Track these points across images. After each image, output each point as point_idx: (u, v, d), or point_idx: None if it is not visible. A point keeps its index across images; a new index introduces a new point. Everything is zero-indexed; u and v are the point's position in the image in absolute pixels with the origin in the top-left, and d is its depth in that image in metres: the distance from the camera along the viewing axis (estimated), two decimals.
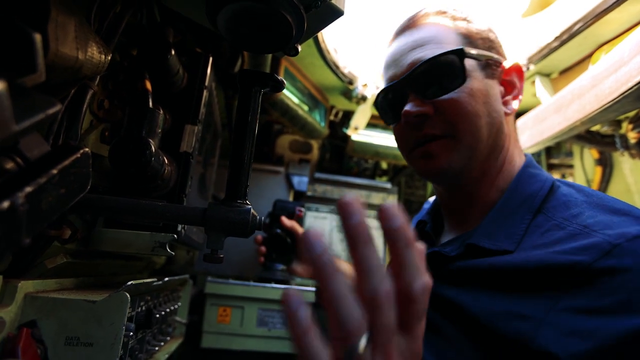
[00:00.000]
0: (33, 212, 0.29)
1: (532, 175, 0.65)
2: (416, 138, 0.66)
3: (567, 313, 0.46)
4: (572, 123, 0.90)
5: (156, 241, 0.54)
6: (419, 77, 0.65)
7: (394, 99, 0.70)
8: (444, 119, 0.64)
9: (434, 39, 0.66)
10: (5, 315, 0.39)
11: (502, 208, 0.62)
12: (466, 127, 0.63)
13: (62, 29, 0.32)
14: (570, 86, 0.92)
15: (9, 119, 0.25)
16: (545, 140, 1.03)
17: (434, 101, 0.64)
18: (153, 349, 0.64)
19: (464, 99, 0.63)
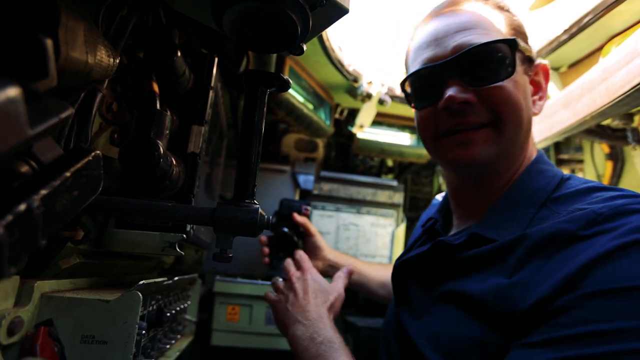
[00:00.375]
0: (48, 214, 0.30)
1: (541, 170, 0.65)
2: (453, 125, 0.64)
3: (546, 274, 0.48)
4: (581, 118, 0.89)
5: (166, 241, 0.55)
6: (466, 61, 0.62)
7: (432, 81, 0.66)
8: (488, 108, 0.62)
9: (480, 25, 0.64)
10: (24, 315, 0.40)
11: (507, 201, 0.63)
12: (511, 118, 0.62)
13: (72, 34, 0.33)
14: (579, 80, 0.91)
15: (24, 124, 0.26)
16: (554, 136, 1.02)
17: (478, 89, 0.62)
18: (164, 347, 0.65)
19: (510, 89, 0.61)
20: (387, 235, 1.50)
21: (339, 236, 1.45)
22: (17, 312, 0.38)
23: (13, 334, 0.37)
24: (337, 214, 1.47)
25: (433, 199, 1.03)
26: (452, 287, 0.59)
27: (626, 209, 0.48)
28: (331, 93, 1.34)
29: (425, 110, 0.68)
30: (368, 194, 1.49)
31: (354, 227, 1.47)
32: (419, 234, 0.85)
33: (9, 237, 0.26)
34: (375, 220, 1.50)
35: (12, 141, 0.25)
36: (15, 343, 0.38)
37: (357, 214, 1.49)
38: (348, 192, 1.48)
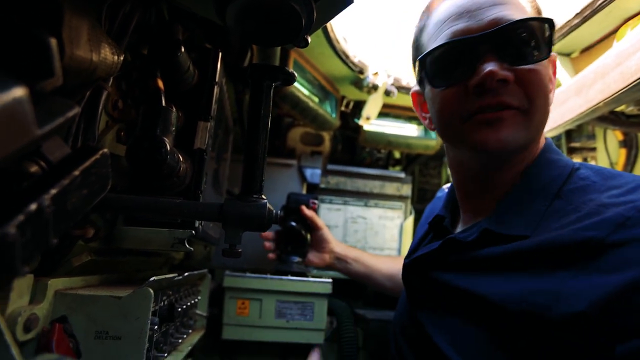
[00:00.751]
0: (59, 213, 0.30)
1: (552, 160, 0.62)
2: (482, 106, 0.58)
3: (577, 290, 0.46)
4: (594, 104, 0.86)
5: (175, 237, 0.55)
6: (504, 37, 0.57)
7: (462, 56, 0.60)
8: (522, 90, 0.58)
9: (514, 2, 0.60)
10: (39, 312, 0.40)
11: (518, 194, 0.61)
12: (541, 104, 0.58)
13: (76, 32, 0.33)
14: (592, 65, 0.88)
15: (32, 124, 0.26)
16: (566, 124, 0.99)
17: (515, 69, 0.57)
18: (176, 342, 0.65)
19: (544, 74, 0.58)
20: (396, 227, 1.49)
21: (347, 229, 1.45)
22: (32, 309, 0.39)
23: (29, 330, 0.38)
24: (345, 207, 1.47)
25: (438, 191, 1.03)
26: (469, 288, 0.57)
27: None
28: (336, 85, 1.33)
29: (450, 89, 0.62)
30: (375, 187, 1.49)
31: (362, 220, 1.47)
32: (425, 230, 0.83)
33: (21, 237, 0.26)
34: (383, 212, 1.49)
35: (20, 142, 0.26)
36: (32, 339, 0.39)
37: (365, 206, 1.48)
38: (355, 185, 1.48)
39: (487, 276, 0.56)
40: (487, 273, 0.57)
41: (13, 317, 0.36)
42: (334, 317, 1.16)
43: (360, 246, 1.44)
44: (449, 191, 0.83)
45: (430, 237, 0.79)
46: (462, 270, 0.61)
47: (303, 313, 1.03)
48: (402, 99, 1.34)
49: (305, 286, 1.04)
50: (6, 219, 0.26)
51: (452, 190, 0.81)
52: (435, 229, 0.78)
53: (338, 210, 1.47)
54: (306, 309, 1.04)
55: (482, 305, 0.55)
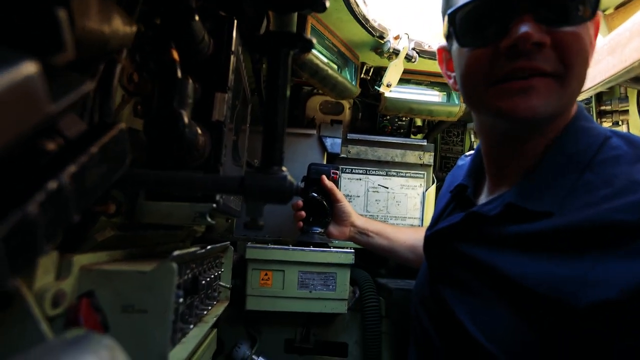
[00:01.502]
0: (79, 190, 0.30)
1: (584, 128, 0.58)
2: (514, 70, 0.54)
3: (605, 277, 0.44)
4: (629, 64, 0.81)
5: (196, 211, 0.55)
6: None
7: (496, 13, 0.55)
8: (559, 55, 0.53)
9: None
10: (66, 287, 0.41)
11: (547, 165, 0.57)
12: (579, 71, 0.54)
13: (86, 3, 0.32)
14: (628, 22, 0.83)
15: (45, 100, 0.25)
16: (598, 86, 0.94)
17: (553, 30, 0.52)
18: (202, 313, 0.67)
19: (585, 38, 0.53)
20: (418, 196, 1.47)
21: (368, 199, 1.44)
22: (59, 285, 0.40)
23: (57, 305, 0.39)
24: (366, 176, 1.45)
25: (459, 159, 0.99)
26: (493, 264, 0.56)
27: None
28: (356, 52, 1.29)
29: (480, 49, 0.58)
30: (397, 155, 1.46)
31: (384, 189, 1.46)
32: (447, 199, 0.81)
33: (43, 216, 0.26)
34: (405, 181, 1.47)
35: (34, 118, 0.25)
36: (60, 315, 0.40)
37: (387, 176, 1.46)
38: (376, 154, 1.45)
39: (512, 254, 0.54)
40: (512, 250, 0.55)
41: (41, 293, 0.37)
42: (356, 287, 1.17)
43: (382, 216, 1.44)
44: (472, 157, 0.80)
45: (452, 207, 0.77)
46: (485, 244, 0.59)
47: (326, 283, 1.04)
48: (424, 64, 1.29)
49: (328, 257, 1.05)
50: (27, 197, 0.26)
51: (476, 156, 0.78)
52: (458, 198, 0.76)
53: (359, 180, 1.45)
54: (329, 279, 1.04)
55: (506, 283, 0.53)
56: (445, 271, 0.66)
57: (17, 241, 0.24)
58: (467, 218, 0.62)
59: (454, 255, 0.65)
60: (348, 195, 1.43)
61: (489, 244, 0.59)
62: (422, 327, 0.71)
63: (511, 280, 0.52)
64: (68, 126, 0.33)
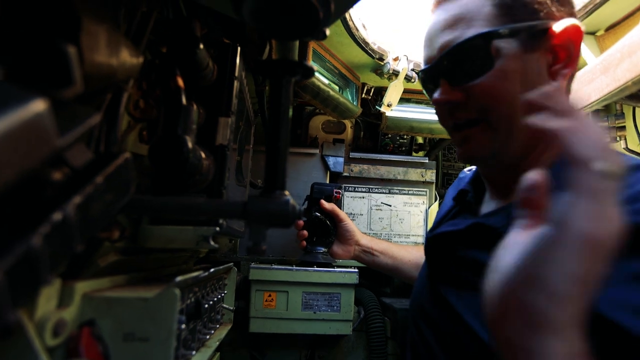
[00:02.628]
0: (84, 220, 0.30)
1: None
2: (451, 122, 0.66)
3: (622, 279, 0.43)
4: (622, 84, 0.83)
5: (200, 235, 0.55)
6: (448, 62, 0.63)
7: (429, 82, 0.69)
8: (477, 105, 0.61)
9: (465, 17, 0.62)
10: (67, 315, 0.41)
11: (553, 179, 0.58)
12: (500, 112, 0.60)
13: (94, 38, 0.33)
14: (619, 44, 0.85)
15: (53, 135, 0.26)
16: (593, 104, 0.96)
17: (465, 87, 0.62)
18: (204, 338, 0.66)
19: (494, 83, 0.60)
20: (421, 214, 1.47)
21: (371, 217, 1.44)
22: (60, 314, 0.40)
23: (58, 335, 0.39)
24: (369, 194, 1.46)
25: (460, 173, 1.00)
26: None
27: None
28: (357, 73, 1.31)
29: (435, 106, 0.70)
30: (399, 173, 1.47)
31: (387, 207, 1.45)
32: (449, 207, 0.82)
33: (47, 247, 0.26)
34: (407, 199, 1.47)
35: (41, 153, 0.26)
36: (60, 344, 0.40)
37: (389, 193, 1.47)
38: (379, 172, 1.46)
39: None
40: None
41: (41, 322, 0.37)
42: (361, 307, 1.16)
43: (386, 233, 1.43)
44: (473, 172, 0.83)
45: (455, 211, 0.78)
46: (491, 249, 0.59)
47: (330, 304, 1.03)
48: None
49: (332, 277, 1.04)
50: (31, 229, 0.26)
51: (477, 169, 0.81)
52: (460, 203, 0.78)
53: (362, 198, 1.45)
54: (333, 299, 1.04)
55: None
56: (449, 274, 0.66)
57: (20, 274, 0.24)
58: (472, 228, 0.63)
59: (458, 259, 0.65)
60: (351, 214, 1.43)
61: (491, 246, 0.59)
62: (422, 337, 0.70)
63: None
64: (74, 156, 0.34)
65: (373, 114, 1.49)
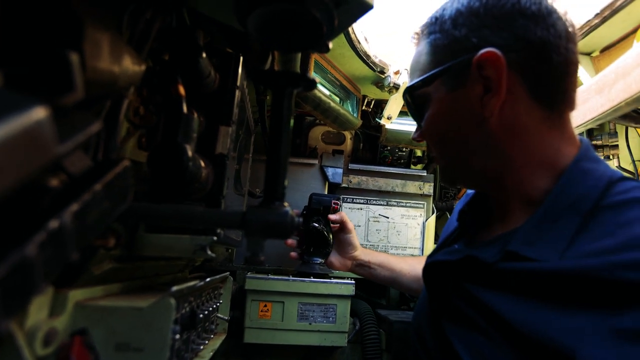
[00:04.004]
0: (80, 228, 0.30)
1: (585, 171, 0.57)
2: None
3: (612, 335, 0.43)
4: (616, 104, 0.84)
5: (197, 244, 0.55)
6: (408, 108, 0.72)
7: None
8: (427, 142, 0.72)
9: (416, 66, 0.68)
10: (59, 324, 0.40)
11: (547, 211, 0.56)
12: (440, 151, 0.69)
13: (97, 45, 0.32)
14: (613, 65, 0.86)
15: (52, 143, 0.25)
16: (588, 123, 0.97)
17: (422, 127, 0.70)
18: (198, 348, 0.65)
19: (428, 127, 0.67)
20: (418, 226, 1.47)
21: (369, 229, 1.44)
22: (52, 323, 0.39)
23: (48, 344, 0.38)
24: (367, 206, 1.45)
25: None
26: (494, 307, 0.54)
27: None
28: (357, 85, 1.31)
29: None
30: (397, 185, 1.47)
31: (384, 219, 1.45)
32: (455, 227, 0.81)
33: (42, 256, 0.26)
34: (405, 211, 1.47)
35: (40, 161, 0.25)
36: (51, 354, 0.39)
37: (387, 205, 1.46)
38: (377, 184, 1.46)
39: (513, 299, 0.53)
40: (513, 295, 0.53)
41: (32, 331, 0.36)
42: (356, 319, 1.15)
43: (383, 245, 1.43)
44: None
45: (455, 235, 0.78)
46: (486, 286, 0.58)
47: (326, 315, 1.02)
48: None
49: (328, 288, 1.03)
50: (26, 237, 0.26)
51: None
52: (462, 225, 0.78)
53: (360, 210, 1.45)
54: (329, 310, 1.03)
55: (508, 327, 0.52)
56: (447, 305, 0.65)
57: (13, 283, 0.24)
58: (466, 260, 0.62)
59: (455, 290, 0.64)
60: None
61: (489, 286, 0.57)
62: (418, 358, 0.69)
63: (513, 326, 0.51)
64: (72, 162, 0.33)
65: (373, 126, 1.50)
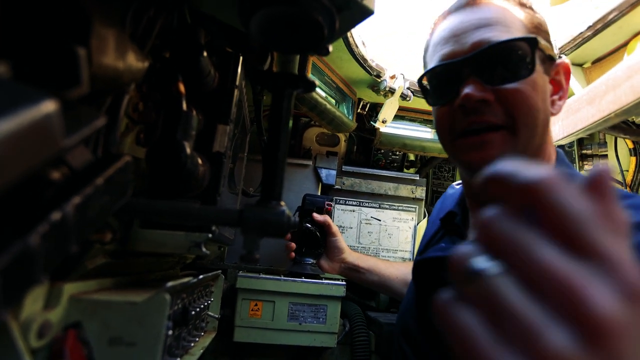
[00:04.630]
0: (81, 221, 0.30)
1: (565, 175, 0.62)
2: (469, 124, 0.62)
3: None
4: (606, 115, 0.87)
5: (191, 241, 0.55)
6: (484, 59, 0.60)
7: (449, 78, 0.65)
8: (505, 109, 0.60)
9: (501, 22, 0.61)
10: (53, 317, 0.40)
11: None
12: (526, 121, 0.60)
13: (104, 41, 0.33)
14: (604, 77, 0.89)
15: (59, 136, 0.26)
16: (579, 132, 1.00)
17: (496, 89, 0.60)
18: (189, 345, 0.65)
19: (528, 91, 0.59)
20: (409, 230, 1.48)
21: (361, 231, 1.45)
22: (46, 315, 0.39)
23: (42, 336, 0.38)
24: (359, 208, 1.46)
25: (449, 187, 1.01)
26: None
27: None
28: (354, 88, 1.33)
29: (442, 108, 0.67)
30: (390, 189, 1.48)
31: (376, 221, 1.46)
32: (437, 227, 0.82)
33: (45, 246, 0.26)
34: (397, 214, 1.48)
35: (46, 153, 0.26)
36: (45, 346, 0.39)
37: (379, 208, 1.48)
38: (370, 187, 1.47)
39: None
40: None
41: (27, 323, 0.36)
42: (346, 320, 1.16)
43: (374, 248, 1.44)
44: (461, 189, 0.83)
45: (442, 234, 0.79)
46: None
47: (316, 316, 1.03)
48: (418, 102, 1.33)
49: (319, 288, 1.04)
50: (29, 228, 0.26)
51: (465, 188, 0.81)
52: (447, 226, 0.78)
53: (352, 212, 1.46)
54: (319, 311, 1.03)
55: None
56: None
57: (15, 273, 0.24)
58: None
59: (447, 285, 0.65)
60: (341, 227, 1.44)
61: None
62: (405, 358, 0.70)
63: None
64: (75, 156, 0.33)
65: (367, 129, 1.51)
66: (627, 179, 1.27)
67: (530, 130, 0.60)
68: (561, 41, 1.05)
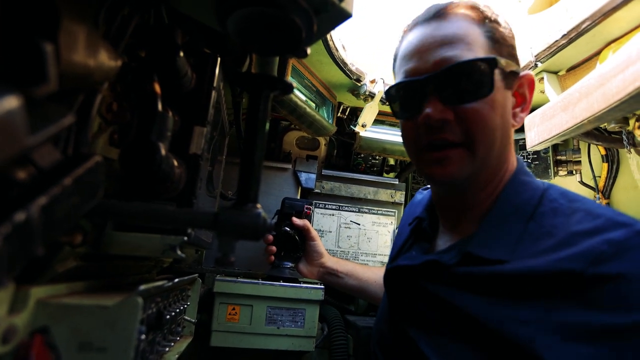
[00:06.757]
0: (47, 223, 0.29)
1: (524, 182, 0.65)
2: (430, 141, 0.64)
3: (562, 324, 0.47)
4: (579, 121, 0.90)
5: (167, 244, 0.54)
6: (445, 78, 0.62)
7: (412, 95, 0.66)
8: (463, 128, 0.62)
9: (464, 39, 0.62)
10: (19, 322, 0.39)
11: (495, 216, 0.63)
12: (483, 139, 0.62)
13: (73, 37, 0.32)
14: (578, 84, 0.92)
15: (23, 133, 0.25)
16: (553, 138, 1.02)
17: (456, 108, 0.62)
18: (163, 350, 0.64)
19: (486, 110, 0.61)
20: (389, 234, 1.49)
21: (340, 235, 1.45)
22: (11, 320, 0.37)
23: (7, 342, 0.37)
24: (339, 212, 1.47)
25: (417, 192, 1.02)
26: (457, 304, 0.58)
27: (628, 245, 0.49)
28: (334, 92, 1.33)
29: (407, 122, 0.69)
30: (369, 193, 1.49)
31: (356, 225, 1.47)
32: (407, 235, 0.84)
33: (6, 249, 0.25)
34: (376, 219, 1.49)
35: (10, 151, 0.25)
36: (9, 352, 0.37)
37: (359, 212, 1.48)
38: (349, 191, 1.48)
39: (473, 296, 0.57)
40: (472, 293, 0.58)
41: None
42: (324, 324, 1.16)
43: (353, 252, 1.44)
44: (429, 193, 0.84)
45: (410, 242, 0.80)
46: (447, 285, 0.61)
47: (294, 319, 1.02)
48: None
49: (297, 292, 1.03)
50: None
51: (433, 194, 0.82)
52: (416, 232, 0.80)
53: (332, 216, 1.46)
54: (297, 315, 1.03)
55: (471, 323, 0.55)
56: (409, 308, 0.67)
57: None
58: (428, 264, 0.65)
59: (417, 293, 0.66)
60: (320, 230, 1.43)
61: (450, 285, 0.61)
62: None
63: (475, 321, 0.54)
64: (42, 156, 0.32)
65: (347, 133, 1.52)
66: (599, 184, 1.31)
67: (488, 147, 0.63)
68: (538, 48, 1.08)
